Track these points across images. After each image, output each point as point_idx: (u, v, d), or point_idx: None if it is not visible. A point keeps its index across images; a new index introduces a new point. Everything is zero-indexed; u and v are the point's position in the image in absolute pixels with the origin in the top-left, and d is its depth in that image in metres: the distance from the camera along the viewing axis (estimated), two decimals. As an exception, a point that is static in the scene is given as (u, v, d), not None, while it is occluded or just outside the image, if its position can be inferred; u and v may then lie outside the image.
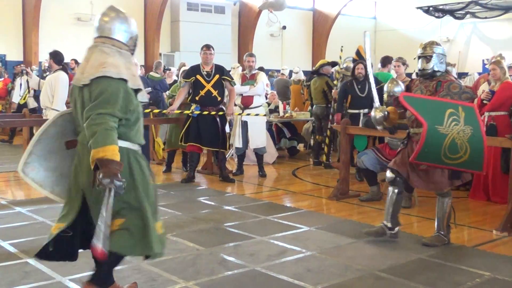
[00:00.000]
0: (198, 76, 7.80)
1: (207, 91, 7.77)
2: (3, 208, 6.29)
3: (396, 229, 5.05)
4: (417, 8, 19.79)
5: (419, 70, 5.06)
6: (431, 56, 4.91)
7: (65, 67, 8.51)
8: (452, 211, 5.00)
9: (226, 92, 8.26)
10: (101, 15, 3.37)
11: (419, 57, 5.04)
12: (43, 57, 15.34)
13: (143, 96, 3.43)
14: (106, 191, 2.95)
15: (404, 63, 8.08)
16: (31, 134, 10.09)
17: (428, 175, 4.90)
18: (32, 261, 4.37)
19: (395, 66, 8.14)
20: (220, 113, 7.90)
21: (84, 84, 3.13)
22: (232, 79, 8.19)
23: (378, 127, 5.46)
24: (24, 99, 12.79)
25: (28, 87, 12.75)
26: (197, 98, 7.81)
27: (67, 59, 14.02)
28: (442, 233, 4.92)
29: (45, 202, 6.61)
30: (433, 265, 4.47)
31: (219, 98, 7.89)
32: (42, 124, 10.15)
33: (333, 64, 10.07)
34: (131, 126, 3.24)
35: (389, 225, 4.99)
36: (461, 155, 4.57)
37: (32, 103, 12.74)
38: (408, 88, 5.24)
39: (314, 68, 10.81)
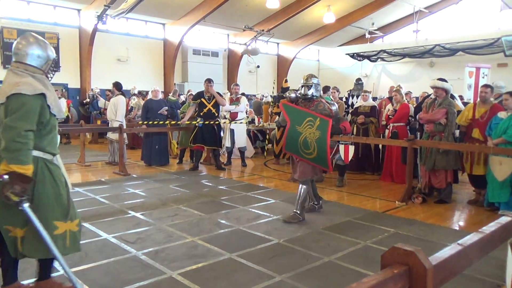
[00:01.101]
0: (202, 99, 7.85)
1: (208, 109, 7.80)
2: (67, 188, 6.13)
3: (320, 202, 4.99)
4: (346, 54, 19.97)
5: (302, 94, 4.76)
6: (311, 86, 4.70)
7: (123, 92, 8.52)
8: (307, 197, 4.71)
9: (220, 108, 8.28)
10: (17, 41, 2.61)
11: (302, 86, 4.75)
12: (94, 85, 15.08)
13: (60, 113, 2.64)
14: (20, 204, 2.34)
15: (337, 90, 8.10)
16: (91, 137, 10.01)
17: (298, 167, 4.71)
18: (86, 224, 4.30)
19: (331, 92, 8.18)
20: (217, 122, 7.91)
21: (1, 103, 2.44)
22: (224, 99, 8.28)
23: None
24: (66, 113, 12.70)
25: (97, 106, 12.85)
26: (201, 113, 7.82)
27: (109, 87, 13.88)
28: (298, 212, 4.56)
29: (97, 184, 6.52)
30: (357, 225, 4.51)
31: (216, 114, 7.93)
32: (90, 131, 9.76)
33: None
34: (43, 137, 2.52)
35: (316, 202, 4.97)
36: (311, 151, 4.51)
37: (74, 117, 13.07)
38: (296, 100, 4.90)
39: (278, 93, 10.73)
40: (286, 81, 9.20)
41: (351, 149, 6.20)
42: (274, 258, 3.49)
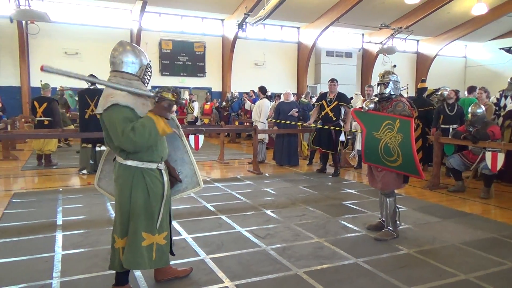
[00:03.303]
0: (323, 101, 7.65)
1: (326, 113, 7.55)
2: (208, 183, 6.79)
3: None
4: (500, 48, 17.63)
5: (378, 94, 4.25)
6: (388, 83, 4.16)
7: (267, 96, 9.16)
8: (396, 209, 4.15)
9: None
10: (113, 48, 2.65)
11: (378, 84, 4.24)
12: (233, 88, 16.32)
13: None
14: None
15: (485, 91, 7.25)
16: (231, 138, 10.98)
17: (379, 176, 4.17)
18: (224, 217, 4.74)
19: (478, 93, 7.36)
20: (337, 128, 7.51)
21: (98, 113, 2.57)
22: (349, 103, 7.90)
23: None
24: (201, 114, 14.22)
25: (241, 108, 14.08)
26: (320, 116, 7.68)
27: (246, 90, 14.86)
28: (390, 228, 4.11)
29: (233, 180, 7.07)
30: (504, 243, 4.00)
31: (334, 118, 7.52)
32: (229, 131, 10.54)
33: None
34: None
35: (381, 219, 4.35)
36: (395, 158, 3.94)
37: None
38: (376, 109, 4.26)
39: (426, 94, 9.58)
40: (423, 81, 8.55)
41: (501, 157, 5.52)
42: (403, 269, 3.34)
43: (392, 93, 4.21)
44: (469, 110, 6.12)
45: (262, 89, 9.47)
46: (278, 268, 3.33)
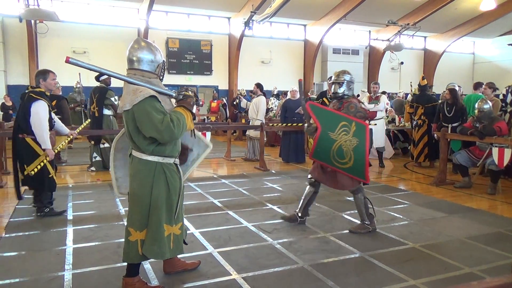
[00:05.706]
0: (324, 99, 7.81)
1: None
2: (215, 179, 6.87)
3: (305, 218, 4.37)
4: (508, 44, 17.47)
5: (332, 93, 4.27)
6: (343, 83, 4.20)
7: (264, 93, 9.14)
8: (367, 202, 4.14)
9: None
10: (129, 48, 2.67)
11: (332, 83, 4.27)
12: (240, 87, 16.37)
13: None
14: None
15: (491, 87, 7.20)
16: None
17: (335, 177, 4.12)
18: (231, 212, 4.80)
19: (483, 89, 7.33)
20: None
21: (125, 109, 2.58)
22: None
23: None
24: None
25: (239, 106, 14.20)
26: None
27: (252, 88, 14.89)
28: (366, 222, 4.14)
29: (240, 177, 7.13)
30: (511, 238, 4.01)
31: None
32: (235, 128, 10.65)
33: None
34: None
35: (299, 214, 4.36)
36: (346, 161, 3.96)
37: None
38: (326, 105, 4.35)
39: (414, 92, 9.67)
40: (423, 78, 8.54)
41: (507, 152, 5.53)
42: (408, 262, 3.38)
43: (346, 93, 4.24)
44: (476, 105, 6.11)
45: (259, 86, 9.22)
46: (285, 261, 3.39)
